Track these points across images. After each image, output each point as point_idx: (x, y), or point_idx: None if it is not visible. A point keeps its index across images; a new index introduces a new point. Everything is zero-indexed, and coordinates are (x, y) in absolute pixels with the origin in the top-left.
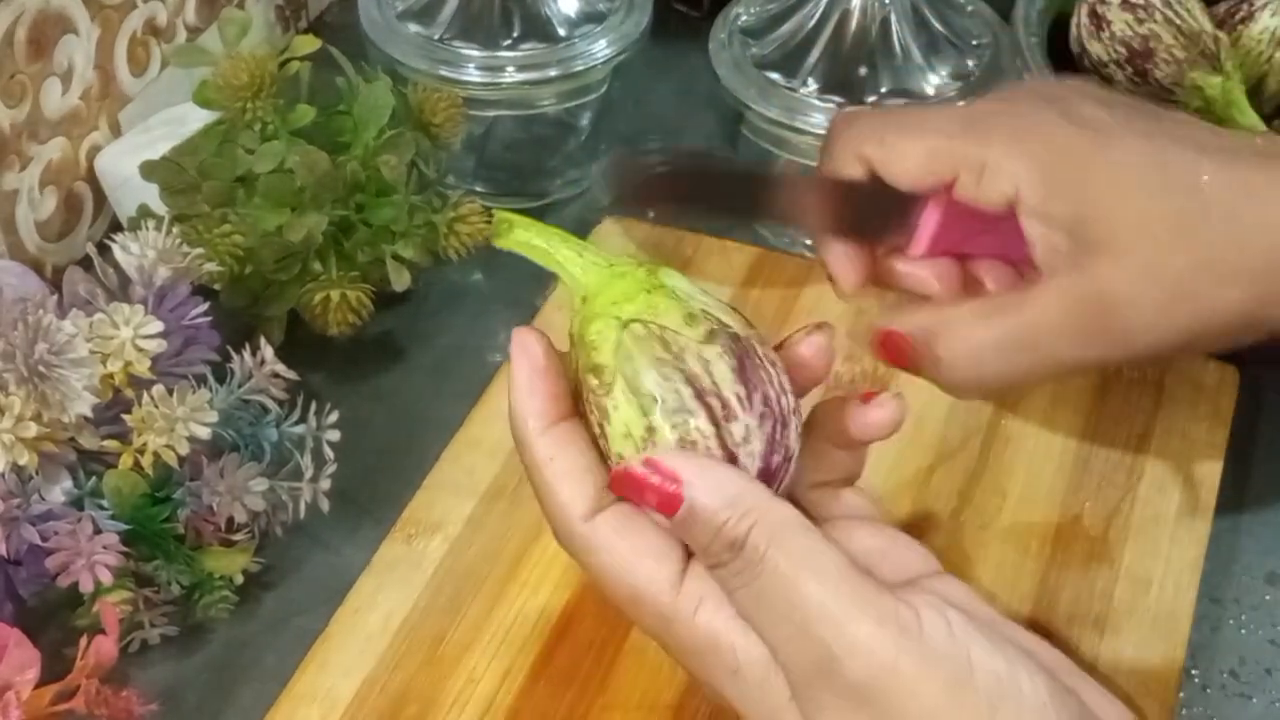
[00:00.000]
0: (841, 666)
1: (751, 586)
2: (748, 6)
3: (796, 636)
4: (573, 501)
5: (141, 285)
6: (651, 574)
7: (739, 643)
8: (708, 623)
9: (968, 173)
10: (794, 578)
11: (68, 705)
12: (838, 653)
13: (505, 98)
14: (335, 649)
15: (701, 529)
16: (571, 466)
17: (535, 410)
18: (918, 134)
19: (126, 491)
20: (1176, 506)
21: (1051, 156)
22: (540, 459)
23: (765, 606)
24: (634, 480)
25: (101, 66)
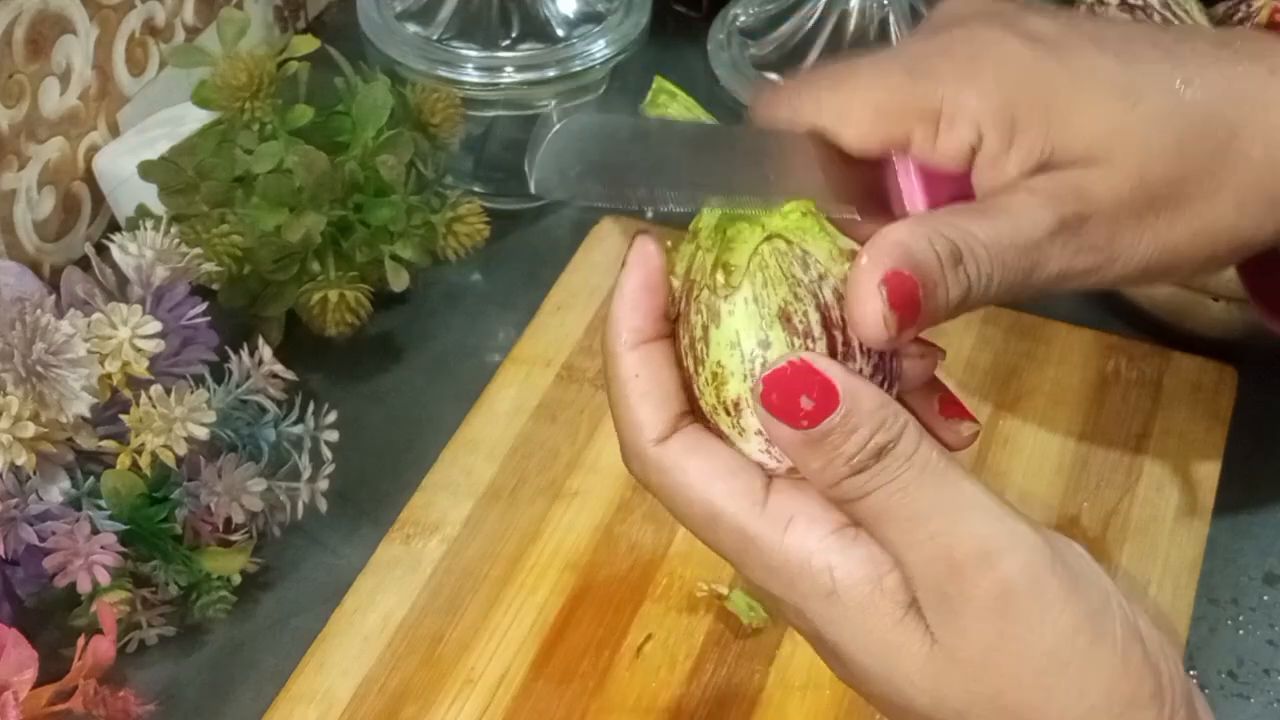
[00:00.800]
0: (998, 561)
1: (896, 484)
2: (746, 7)
3: (948, 529)
4: (649, 422)
5: (140, 285)
6: (731, 490)
7: (836, 562)
8: (799, 542)
9: (922, 126)
10: (951, 472)
11: (65, 705)
12: (996, 545)
13: (504, 98)
14: (333, 649)
15: (856, 432)
16: (653, 387)
17: (634, 325)
18: (856, 90)
19: (124, 492)
20: (1175, 507)
21: (1009, 86)
22: (625, 374)
23: (911, 500)
24: (788, 381)
25: (100, 66)
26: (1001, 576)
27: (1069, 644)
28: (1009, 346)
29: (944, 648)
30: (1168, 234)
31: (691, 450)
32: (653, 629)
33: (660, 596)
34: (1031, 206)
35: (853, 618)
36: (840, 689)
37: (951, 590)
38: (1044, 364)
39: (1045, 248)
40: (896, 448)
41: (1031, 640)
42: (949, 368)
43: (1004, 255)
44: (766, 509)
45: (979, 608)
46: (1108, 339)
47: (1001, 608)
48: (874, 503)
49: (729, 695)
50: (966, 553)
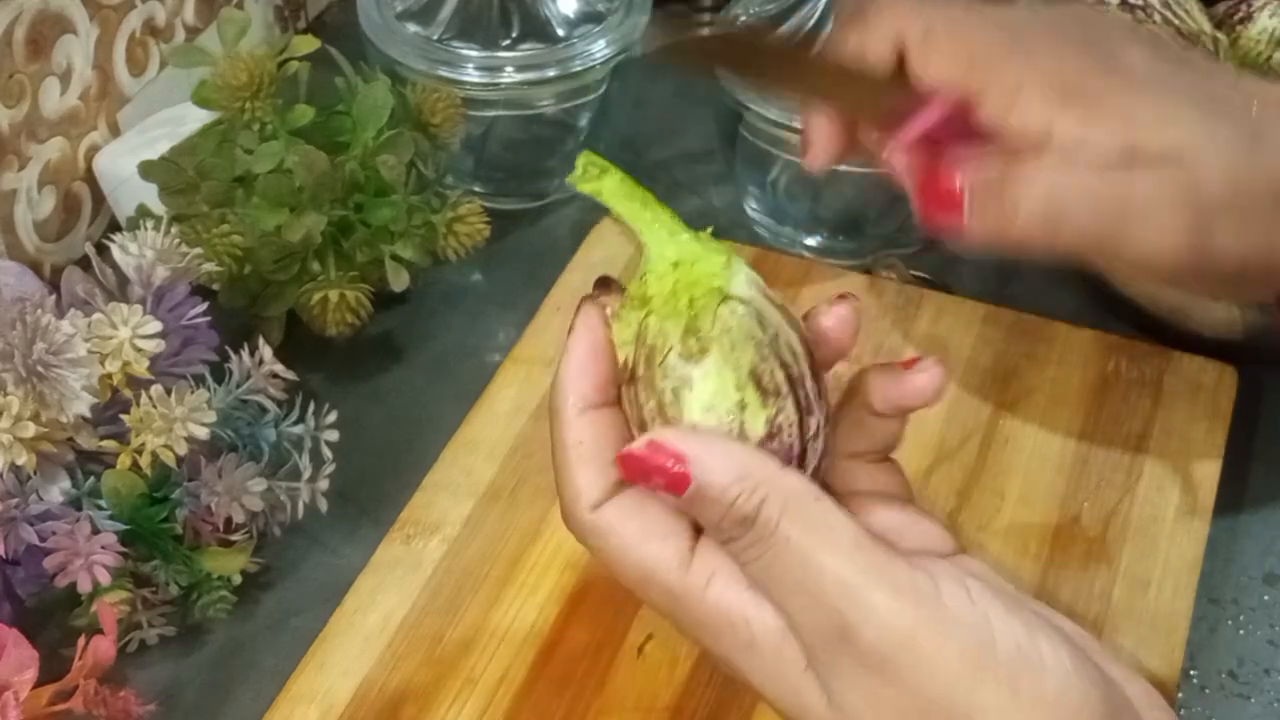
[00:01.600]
0: (858, 635)
1: (765, 559)
2: (746, 7)
3: (811, 606)
4: (588, 489)
5: (140, 285)
6: (658, 554)
7: (752, 615)
8: (719, 597)
9: (1001, 94)
10: (808, 548)
11: (66, 705)
12: (854, 621)
13: (504, 98)
14: (333, 649)
15: (711, 506)
16: (596, 454)
17: (581, 391)
18: (963, 37)
19: (125, 491)
20: (1175, 507)
21: (1089, 98)
22: (570, 440)
23: (779, 578)
24: (639, 462)
25: (100, 66)
26: (863, 647)
27: (948, 695)
28: (1009, 346)
29: (835, 702)
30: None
31: (624, 516)
32: (653, 629)
33: None
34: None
35: (769, 666)
36: None
37: (826, 657)
38: (1044, 364)
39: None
40: (757, 522)
41: (908, 699)
42: (949, 368)
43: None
44: (691, 569)
45: (854, 674)
46: (1108, 339)
47: (874, 673)
48: (754, 573)
49: (729, 695)
50: (829, 628)
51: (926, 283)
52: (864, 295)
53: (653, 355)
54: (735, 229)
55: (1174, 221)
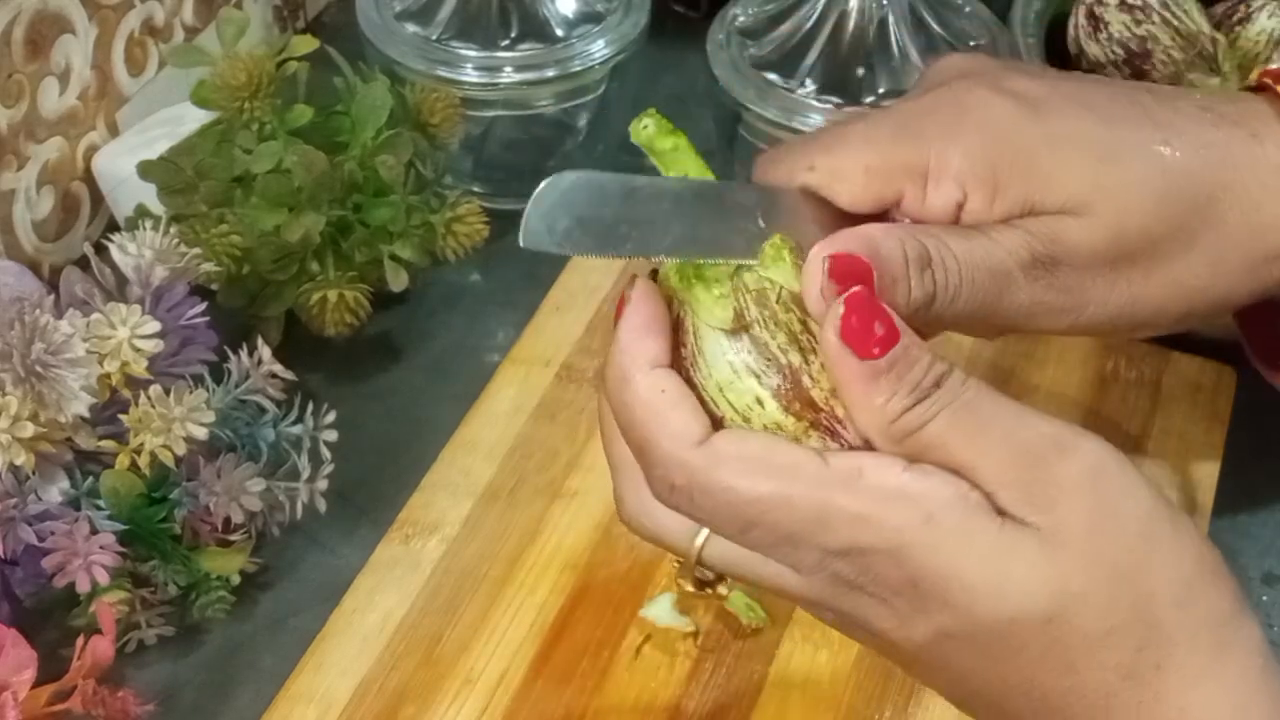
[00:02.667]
0: (1079, 446)
1: (959, 401)
2: (745, 7)
3: (1021, 430)
4: (688, 425)
5: (139, 285)
6: (793, 460)
7: (922, 489)
8: (880, 480)
9: (911, 185)
10: (999, 394)
11: (64, 705)
12: (1071, 439)
13: (503, 98)
14: (332, 649)
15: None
16: (682, 398)
17: (645, 351)
18: (847, 151)
19: (123, 491)
20: None
21: (992, 145)
22: (648, 392)
23: (975, 417)
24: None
25: (99, 66)
26: (1083, 459)
27: (1156, 517)
28: (1008, 346)
29: (1051, 535)
30: (1141, 288)
31: (740, 440)
32: (652, 629)
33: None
34: (1009, 236)
35: (957, 535)
36: (839, 687)
37: (1039, 482)
38: (1043, 364)
39: (1016, 276)
40: (951, 376)
41: (1126, 514)
42: None
43: (975, 272)
44: (833, 470)
45: (1071, 491)
46: (1107, 339)
47: (1091, 487)
48: (938, 426)
49: (728, 695)
50: (1043, 444)
51: None
52: None
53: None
54: None
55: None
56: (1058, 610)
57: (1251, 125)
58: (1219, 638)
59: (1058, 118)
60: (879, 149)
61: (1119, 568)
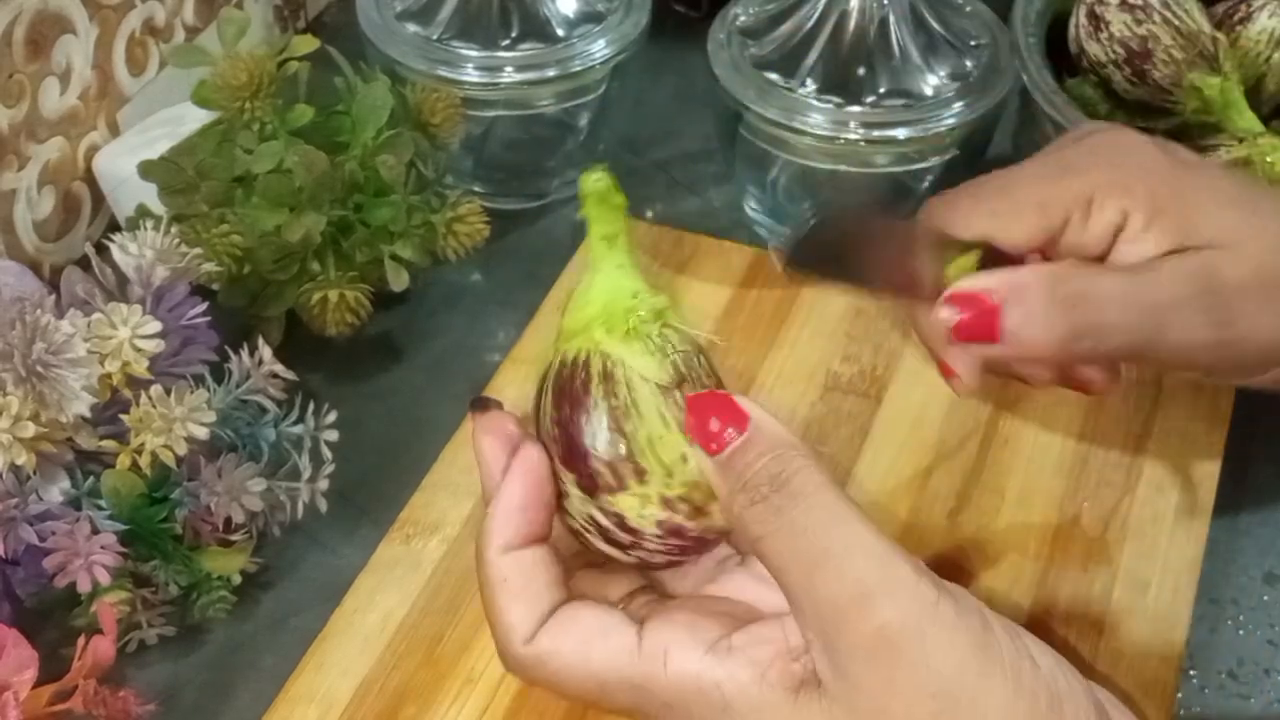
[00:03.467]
0: (878, 606)
1: (789, 518)
2: (746, 7)
3: (832, 573)
4: (520, 624)
5: (140, 285)
6: (607, 651)
7: (720, 675)
8: (681, 669)
9: (1078, 211)
10: (842, 513)
11: (65, 705)
12: (876, 590)
13: (504, 98)
14: (333, 649)
15: (760, 454)
16: (524, 589)
17: (508, 535)
18: (1020, 191)
19: (124, 491)
20: (1175, 507)
21: (1151, 177)
22: (495, 578)
23: (801, 541)
24: (704, 401)
25: (100, 66)
26: (881, 621)
27: (958, 680)
28: None
29: (841, 706)
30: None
31: (560, 633)
32: None
33: None
34: (1171, 272)
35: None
36: None
37: (838, 638)
38: None
39: (1175, 312)
40: (793, 482)
41: (919, 682)
42: None
43: (1130, 310)
44: (643, 653)
45: (864, 654)
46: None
47: (884, 652)
48: (773, 547)
49: None
50: (849, 598)
51: None
52: (863, 295)
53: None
54: (735, 229)
55: (1195, 310)
56: None
57: None
58: None
59: (1203, 171)
60: (1049, 185)
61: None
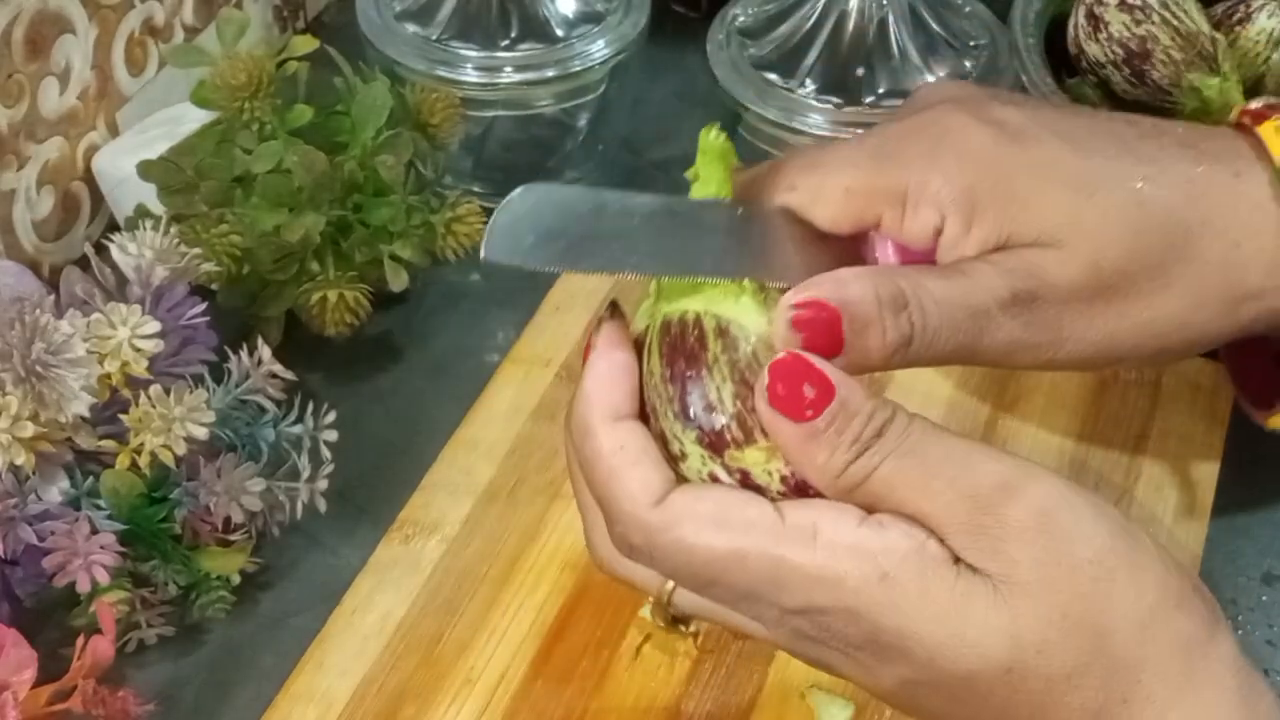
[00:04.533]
0: (1024, 489)
1: (903, 448)
2: (745, 7)
3: (966, 473)
4: (645, 485)
5: (139, 285)
6: (749, 521)
7: (877, 545)
8: (834, 539)
9: (890, 209)
10: (946, 433)
11: (64, 705)
12: (1016, 478)
13: (503, 98)
14: (332, 649)
15: (857, 414)
16: (643, 455)
17: (609, 402)
18: (828, 172)
19: (124, 491)
20: (1174, 507)
21: (970, 171)
22: (608, 447)
23: (921, 462)
24: (800, 365)
25: (99, 66)
26: (1031, 501)
27: (1112, 550)
28: None
29: (1002, 583)
30: (1117, 323)
31: (695, 499)
32: (651, 629)
33: None
34: (988, 274)
35: (912, 593)
36: (839, 688)
37: (986, 528)
38: None
39: (996, 316)
40: (893, 423)
41: (1078, 551)
42: (947, 368)
43: (954, 313)
44: (788, 528)
45: (1019, 533)
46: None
47: (1040, 527)
48: (885, 473)
49: (728, 696)
50: (991, 488)
51: None
52: None
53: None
54: None
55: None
56: (1015, 660)
57: (1233, 163)
58: (1188, 663)
59: (1036, 147)
60: (859, 171)
61: (1071, 610)
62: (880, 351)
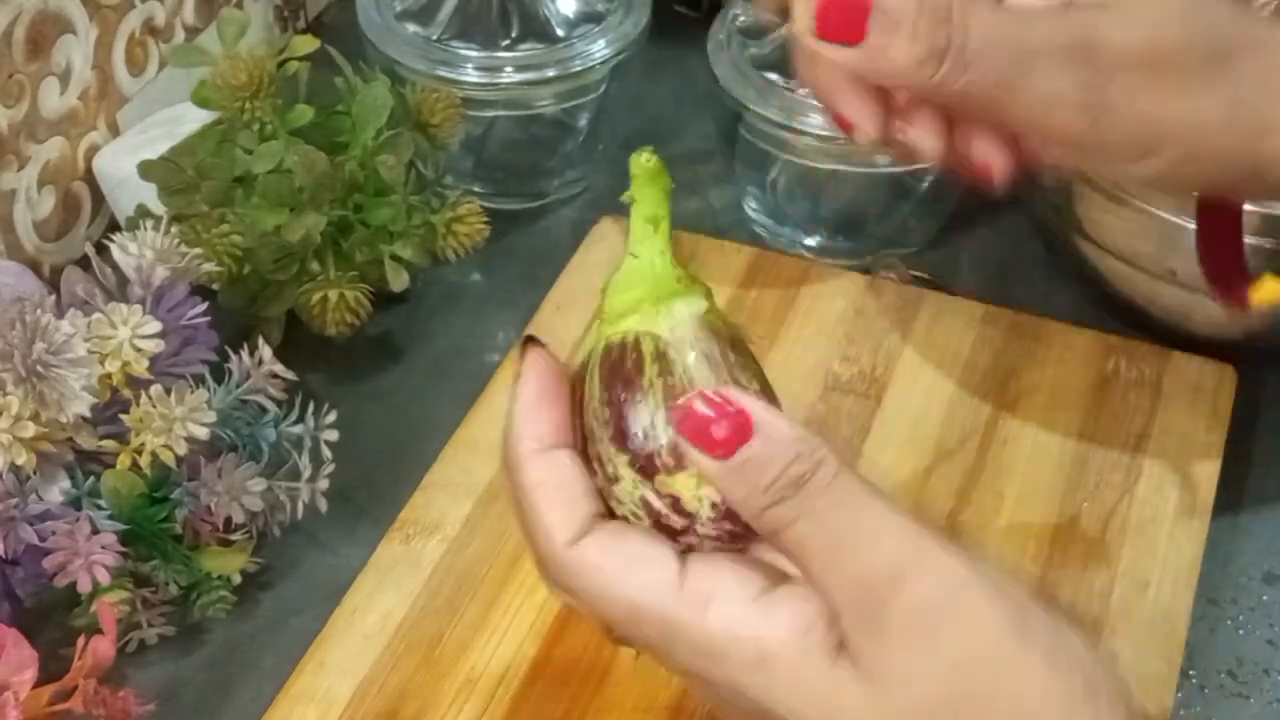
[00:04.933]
0: (913, 580)
1: (814, 514)
2: (746, 7)
3: (864, 552)
4: (561, 526)
5: (140, 285)
6: (649, 581)
7: (762, 626)
8: (723, 618)
9: None
10: (866, 498)
11: (65, 705)
12: (910, 565)
13: (503, 98)
14: (333, 649)
15: (772, 462)
16: (561, 492)
17: (534, 432)
18: None
19: (124, 491)
20: (1174, 507)
21: None
22: (530, 482)
23: (828, 533)
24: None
25: (100, 66)
26: (916, 593)
27: (996, 652)
28: (1008, 346)
29: (877, 677)
30: (1159, 109)
31: (606, 549)
32: None
33: None
34: (1049, 18)
35: (786, 678)
36: None
37: (872, 615)
38: (1044, 364)
39: (1044, 62)
40: (814, 478)
41: (958, 652)
42: (948, 368)
43: (1000, 47)
44: (684, 593)
45: (900, 627)
46: (1108, 339)
47: (921, 624)
48: (798, 533)
49: None
50: (880, 574)
51: (926, 283)
52: (864, 295)
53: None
54: (735, 229)
55: (1064, 64)
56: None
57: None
58: None
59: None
60: None
61: (940, 708)
62: (904, 58)
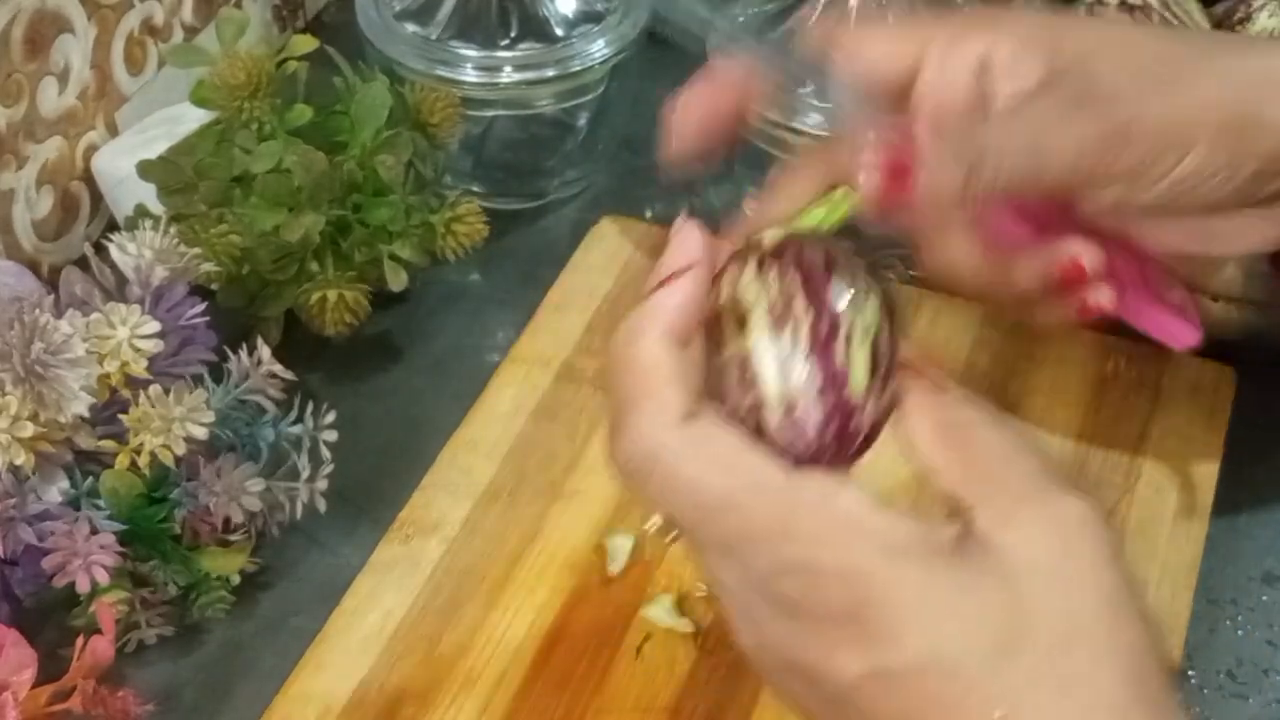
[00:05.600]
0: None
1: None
2: (746, 7)
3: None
4: (676, 401)
5: (138, 285)
6: (770, 461)
7: (887, 522)
8: (847, 508)
9: (935, 47)
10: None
11: (64, 705)
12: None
13: (503, 98)
14: (332, 649)
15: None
16: (682, 377)
17: (679, 325)
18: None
19: (123, 492)
20: (1173, 507)
21: (1021, 26)
22: (647, 361)
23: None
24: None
25: (98, 66)
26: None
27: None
28: (1008, 347)
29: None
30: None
31: (722, 427)
32: (652, 629)
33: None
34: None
35: (914, 570)
36: None
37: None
38: (1043, 364)
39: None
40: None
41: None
42: (948, 368)
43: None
44: (807, 486)
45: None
46: (1106, 339)
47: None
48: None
49: (728, 696)
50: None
51: (926, 283)
52: None
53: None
54: None
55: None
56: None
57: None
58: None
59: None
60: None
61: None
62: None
